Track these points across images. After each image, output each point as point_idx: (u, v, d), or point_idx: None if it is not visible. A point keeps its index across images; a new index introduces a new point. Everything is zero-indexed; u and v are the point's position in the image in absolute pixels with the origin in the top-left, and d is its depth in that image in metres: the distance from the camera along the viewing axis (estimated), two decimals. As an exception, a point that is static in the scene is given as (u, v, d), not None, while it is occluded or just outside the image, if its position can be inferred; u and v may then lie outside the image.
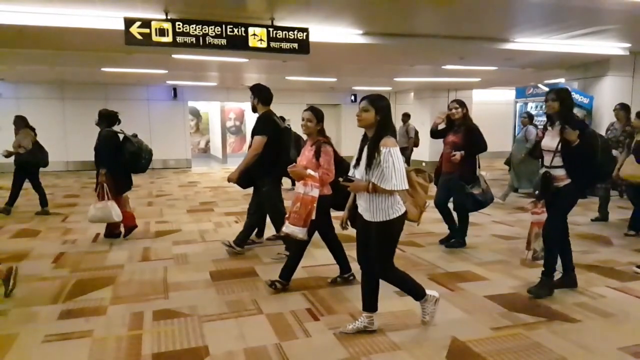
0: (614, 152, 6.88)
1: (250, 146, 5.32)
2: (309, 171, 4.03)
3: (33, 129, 8.16)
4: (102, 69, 11.56)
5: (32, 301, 4.17)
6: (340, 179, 3.35)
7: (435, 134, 5.90)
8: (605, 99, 9.64)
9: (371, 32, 7.51)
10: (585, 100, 9.77)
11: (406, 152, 12.04)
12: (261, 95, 5.34)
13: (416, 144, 12.25)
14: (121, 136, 6.18)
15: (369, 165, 3.16)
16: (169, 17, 6.22)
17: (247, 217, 5.68)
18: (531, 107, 10.63)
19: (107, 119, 6.20)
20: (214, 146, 21.02)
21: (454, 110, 5.54)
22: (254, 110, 5.39)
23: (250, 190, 5.69)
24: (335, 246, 4.58)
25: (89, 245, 6.10)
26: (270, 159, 5.19)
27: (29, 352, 3.24)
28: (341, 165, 4.34)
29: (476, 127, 5.59)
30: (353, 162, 3.38)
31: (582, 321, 3.71)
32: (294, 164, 4.20)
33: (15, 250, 5.80)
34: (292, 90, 17.33)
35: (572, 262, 4.41)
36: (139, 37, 6.11)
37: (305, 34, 6.70)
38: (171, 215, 8.20)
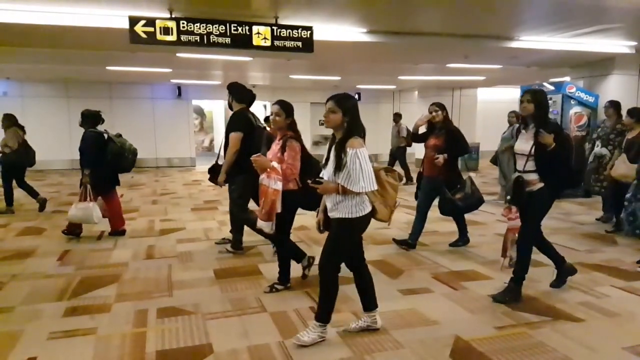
0: (604, 150, 6.82)
1: (225, 144, 5.27)
2: (273, 163, 3.97)
3: (22, 128, 8.14)
4: (107, 68, 11.59)
5: (37, 298, 4.20)
6: (309, 181, 3.28)
7: (416, 138, 5.83)
8: (610, 98, 9.55)
9: (375, 30, 7.50)
10: (591, 99, 9.73)
11: (399, 151, 11.93)
12: (236, 94, 5.33)
13: (409, 144, 12.15)
14: (106, 136, 6.19)
15: (337, 167, 3.09)
16: (173, 16, 6.23)
17: (230, 216, 5.68)
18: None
19: (91, 119, 6.18)
20: (218, 145, 21.04)
21: (434, 114, 5.50)
22: (231, 108, 5.38)
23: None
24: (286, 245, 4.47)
25: (93, 243, 6.12)
26: (241, 156, 5.05)
27: (34, 349, 3.25)
28: (309, 162, 4.24)
29: (457, 129, 5.58)
30: (322, 162, 3.34)
31: (587, 320, 3.70)
32: (258, 153, 4.11)
33: (20, 248, 5.84)
34: (296, 89, 17.32)
35: (558, 254, 4.38)
36: (144, 35, 6.13)
37: (309, 32, 6.70)
38: (175, 213, 8.22)
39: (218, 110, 20.37)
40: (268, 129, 5.94)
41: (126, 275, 4.85)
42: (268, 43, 6.57)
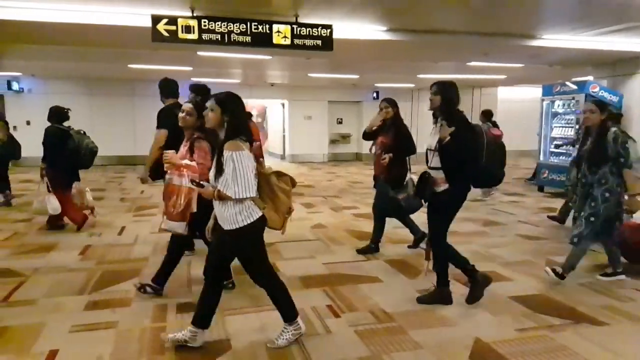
0: None
1: None
2: (186, 161, 3.77)
3: (7, 123, 8.57)
4: (129, 66, 11.73)
5: (59, 292, 4.28)
6: (192, 183, 3.17)
7: (367, 135, 5.53)
8: (635, 97, 9.42)
9: (395, 28, 7.45)
10: (614, 99, 9.55)
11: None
12: (163, 89, 5.29)
13: None
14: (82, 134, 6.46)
15: (217, 171, 2.95)
16: (195, 15, 6.27)
17: None
18: (558, 105, 10.43)
19: (57, 115, 6.45)
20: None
21: (384, 110, 5.27)
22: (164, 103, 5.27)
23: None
24: None
25: (114, 238, 6.20)
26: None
27: (56, 342, 3.31)
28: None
29: (405, 127, 5.31)
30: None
31: (610, 324, 3.63)
32: (171, 151, 3.82)
33: (43, 242, 5.94)
34: (315, 88, 17.33)
35: (447, 275, 4.07)
36: (166, 34, 6.18)
37: (329, 30, 6.69)
38: (194, 210, 8.27)
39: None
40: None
41: (146, 270, 4.89)
42: (288, 42, 6.57)
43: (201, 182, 3.12)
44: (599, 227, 4.36)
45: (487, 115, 9.55)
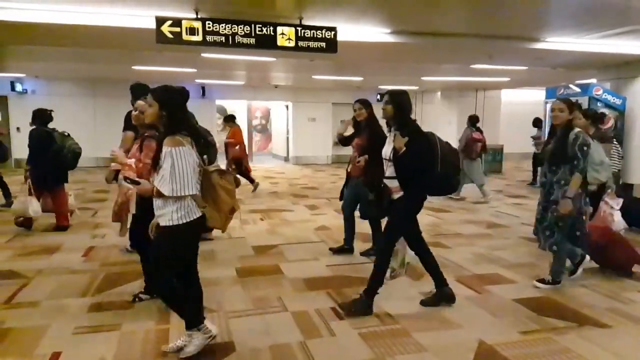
0: None
1: None
2: (131, 160, 3.69)
3: None
4: (133, 67, 11.77)
5: (63, 294, 4.28)
6: (127, 180, 3.07)
7: (343, 141, 5.45)
8: (638, 100, 9.39)
9: (399, 31, 7.45)
10: (618, 102, 9.53)
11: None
12: (134, 94, 5.21)
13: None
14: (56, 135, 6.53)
15: (154, 166, 2.88)
16: (199, 16, 6.28)
17: None
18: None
19: (40, 117, 6.55)
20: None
21: (357, 112, 5.18)
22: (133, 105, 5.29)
23: (274, 187, 5.68)
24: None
25: (118, 240, 6.19)
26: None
27: (59, 344, 3.31)
28: None
29: (380, 128, 5.10)
30: None
31: (614, 327, 3.62)
32: (117, 149, 3.82)
33: (46, 244, 5.95)
34: (318, 89, 17.35)
35: (441, 275, 4.04)
36: (170, 35, 6.18)
37: (333, 33, 6.68)
38: (197, 212, 8.28)
39: (240, 110, 20.53)
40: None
41: (149, 272, 4.90)
42: (292, 44, 6.57)
43: (136, 179, 3.02)
44: (569, 229, 4.36)
45: (472, 120, 9.93)
